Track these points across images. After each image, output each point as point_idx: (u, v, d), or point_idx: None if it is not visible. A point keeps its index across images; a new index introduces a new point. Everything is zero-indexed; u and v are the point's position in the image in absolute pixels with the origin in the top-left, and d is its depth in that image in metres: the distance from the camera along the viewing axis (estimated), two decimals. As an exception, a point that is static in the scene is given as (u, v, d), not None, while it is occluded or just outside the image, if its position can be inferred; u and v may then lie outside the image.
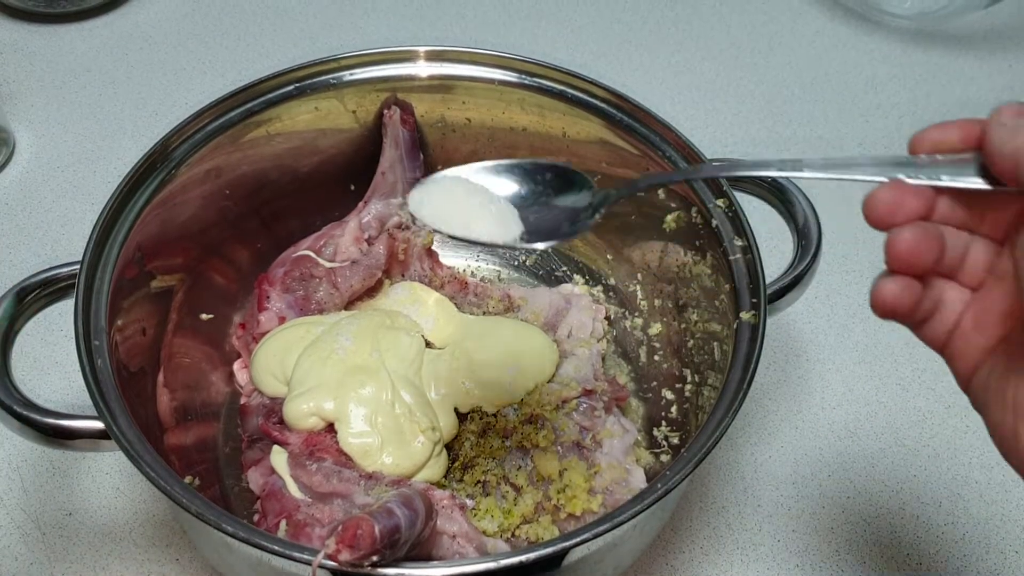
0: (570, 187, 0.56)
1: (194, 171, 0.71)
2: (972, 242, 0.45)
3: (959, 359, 0.46)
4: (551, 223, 0.55)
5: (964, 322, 0.45)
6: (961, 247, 0.45)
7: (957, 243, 0.45)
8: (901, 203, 0.43)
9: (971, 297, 0.45)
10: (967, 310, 0.45)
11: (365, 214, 0.80)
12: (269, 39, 1.11)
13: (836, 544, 0.73)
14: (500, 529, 0.65)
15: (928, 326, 0.46)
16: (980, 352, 0.44)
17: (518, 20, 1.15)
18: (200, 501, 0.52)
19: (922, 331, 0.46)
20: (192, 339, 0.73)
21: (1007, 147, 0.41)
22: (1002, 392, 0.42)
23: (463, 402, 0.71)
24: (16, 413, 0.57)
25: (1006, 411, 0.42)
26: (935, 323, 0.46)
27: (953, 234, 0.45)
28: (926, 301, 0.45)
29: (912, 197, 0.43)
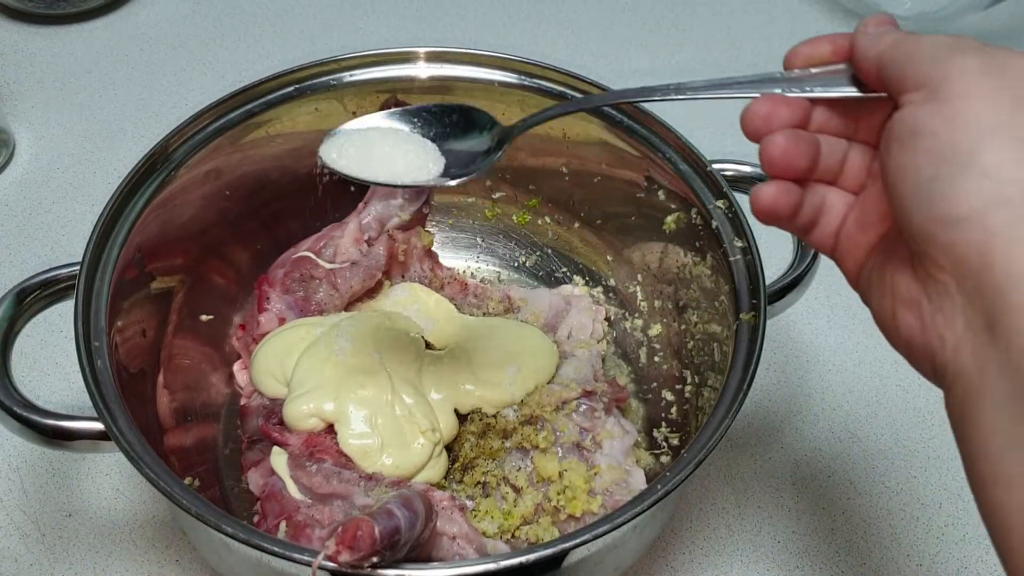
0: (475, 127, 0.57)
1: (194, 172, 0.71)
2: (851, 148, 0.48)
3: (846, 258, 0.48)
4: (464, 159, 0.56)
5: (848, 223, 0.48)
6: (840, 153, 0.48)
7: (836, 149, 0.47)
8: (775, 114, 0.46)
9: (853, 200, 0.48)
10: (850, 212, 0.48)
11: (365, 215, 0.80)
12: (269, 40, 1.11)
13: (836, 545, 0.73)
14: (500, 530, 0.65)
15: (816, 231, 0.49)
16: (864, 250, 0.47)
17: (518, 21, 1.15)
18: (200, 502, 0.52)
19: (811, 237, 0.49)
20: (192, 340, 0.73)
21: (871, 53, 0.44)
22: (881, 281, 0.45)
23: (463, 403, 0.71)
24: (16, 414, 0.57)
25: (884, 297, 0.45)
26: (822, 227, 0.48)
27: (832, 142, 0.47)
28: (808, 206, 0.47)
29: (785, 108, 0.46)
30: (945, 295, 0.40)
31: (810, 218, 0.48)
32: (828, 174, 0.48)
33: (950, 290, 0.40)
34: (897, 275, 0.44)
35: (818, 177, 0.48)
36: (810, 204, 0.47)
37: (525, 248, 0.86)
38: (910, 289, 0.43)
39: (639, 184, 0.74)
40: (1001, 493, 0.37)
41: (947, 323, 0.40)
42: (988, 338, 0.38)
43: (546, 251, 0.85)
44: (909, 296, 0.43)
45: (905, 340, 0.44)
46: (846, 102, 0.47)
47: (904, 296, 0.43)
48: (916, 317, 0.42)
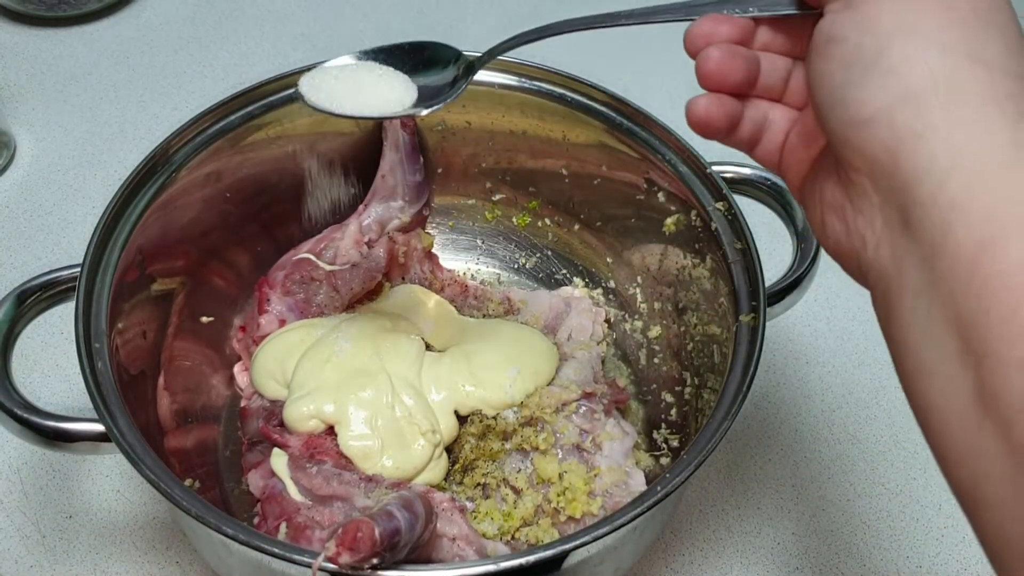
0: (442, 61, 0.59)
1: (194, 174, 0.71)
2: (795, 66, 0.49)
3: (790, 172, 0.49)
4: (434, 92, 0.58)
5: (791, 138, 0.49)
6: (783, 71, 0.48)
7: (779, 67, 0.48)
8: (715, 32, 0.47)
9: (797, 115, 0.49)
10: (793, 127, 0.49)
11: (365, 217, 0.80)
12: (270, 43, 1.11)
13: (836, 547, 0.73)
14: (500, 532, 0.65)
15: (760, 147, 0.49)
16: (807, 164, 0.48)
17: (517, 24, 1.15)
18: (200, 504, 0.52)
19: (755, 152, 0.50)
20: (192, 342, 0.73)
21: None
22: (813, 190, 0.46)
23: (463, 404, 0.71)
24: (16, 416, 0.57)
25: (815, 205, 0.46)
26: (765, 142, 0.49)
27: (775, 59, 0.48)
28: (748, 122, 0.48)
29: (726, 26, 0.47)
30: (864, 196, 0.41)
31: (751, 133, 0.49)
32: (772, 91, 0.49)
33: (867, 191, 0.41)
34: (825, 182, 0.45)
35: (761, 94, 0.48)
36: (751, 120, 0.48)
37: (525, 250, 0.86)
38: (835, 194, 0.44)
39: (639, 186, 0.75)
40: (924, 382, 0.38)
41: (867, 224, 0.41)
42: (903, 233, 0.39)
43: (546, 253, 0.85)
44: (835, 201, 0.44)
45: (833, 245, 0.45)
46: (790, 20, 0.48)
47: (830, 202, 0.44)
48: (841, 221, 0.43)
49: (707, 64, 0.46)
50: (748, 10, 0.48)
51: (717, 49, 0.46)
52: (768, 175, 0.71)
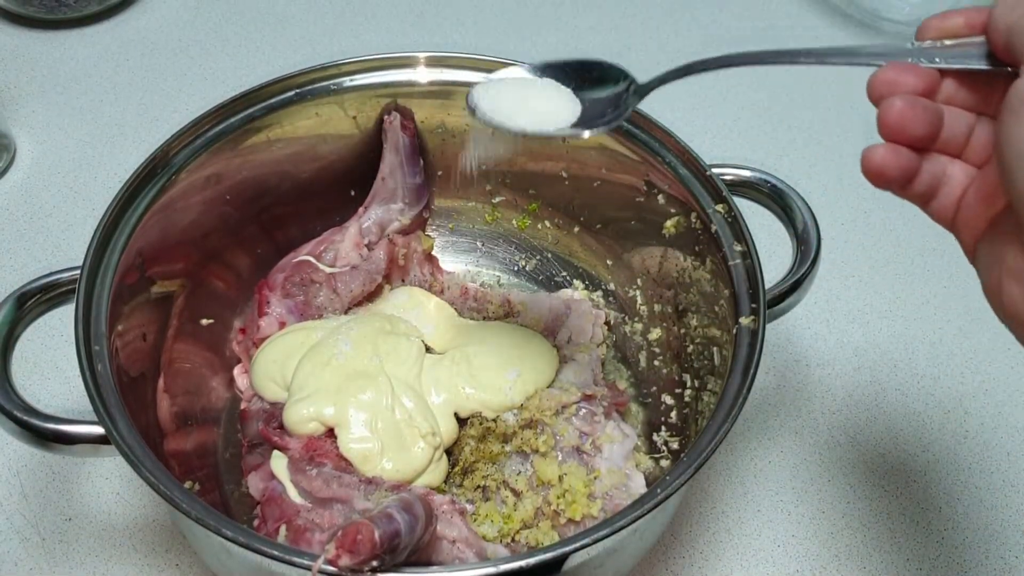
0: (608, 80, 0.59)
1: (194, 177, 0.71)
2: (979, 122, 0.47)
3: (964, 231, 0.48)
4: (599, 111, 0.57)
5: (968, 196, 0.47)
6: (966, 126, 0.47)
7: (962, 122, 0.47)
8: (900, 81, 0.45)
9: (976, 173, 0.47)
10: (971, 185, 0.47)
11: (365, 219, 0.80)
12: (270, 45, 1.11)
13: (836, 549, 0.73)
14: (500, 534, 0.65)
15: (935, 202, 0.48)
16: (984, 223, 0.46)
17: (517, 26, 1.16)
18: (200, 506, 0.52)
19: (929, 207, 0.48)
20: (192, 344, 0.73)
21: (1002, 23, 0.43)
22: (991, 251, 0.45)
23: (463, 407, 0.71)
24: (16, 418, 0.57)
25: (992, 267, 0.45)
26: (941, 198, 0.48)
27: (958, 114, 0.47)
28: (925, 175, 0.47)
29: (911, 76, 0.45)
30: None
31: (928, 188, 0.47)
32: (952, 146, 0.47)
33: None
34: (1007, 246, 0.44)
35: (941, 148, 0.47)
36: (928, 173, 0.47)
37: (525, 252, 0.86)
38: (1018, 261, 0.43)
39: (639, 188, 0.75)
40: None
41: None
42: None
43: (546, 255, 0.85)
44: (1016, 267, 0.43)
45: (1010, 312, 0.44)
46: (977, 75, 0.46)
47: (1012, 268, 0.43)
48: (1020, 289, 0.42)
49: (889, 114, 0.45)
50: (935, 60, 0.46)
51: (901, 99, 0.45)
52: (768, 177, 0.71)
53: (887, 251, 0.94)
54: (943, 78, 0.47)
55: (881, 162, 0.46)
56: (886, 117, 0.45)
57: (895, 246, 0.94)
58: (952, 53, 0.46)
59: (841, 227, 0.95)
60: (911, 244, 0.94)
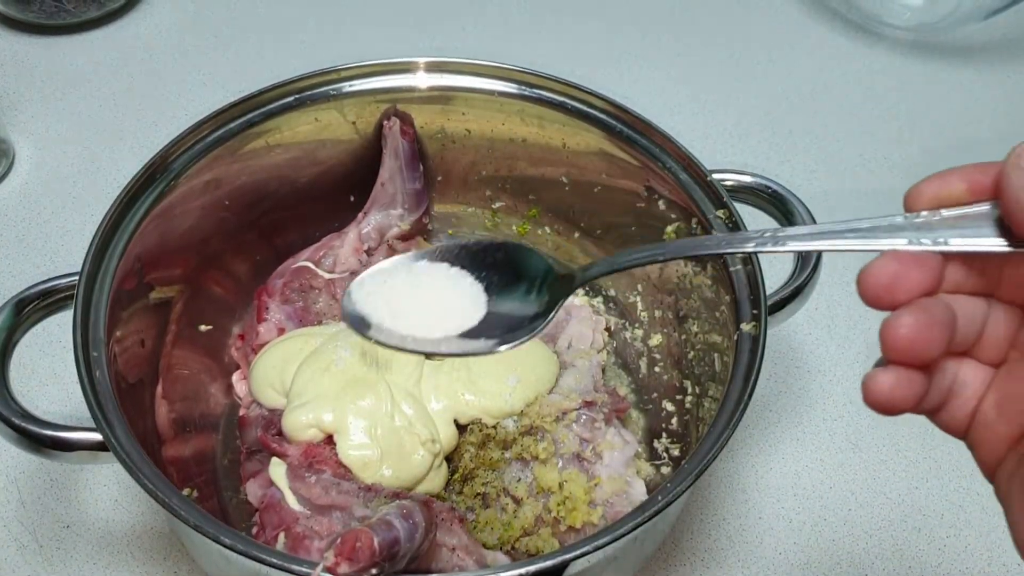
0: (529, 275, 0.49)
1: (193, 182, 0.71)
2: (992, 310, 0.38)
3: (982, 447, 0.39)
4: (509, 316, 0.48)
5: (985, 406, 0.39)
6: (978, 318, 0.38)
7: (973, 313, 0.38)
8: (901, 277, 0.36)
9: (992, 376, 0.39)
10: (988, 391, 0.39)
11: (364, 225, 0.79)
12: (269, 50, 1.11)
13: (838, 556, 0.72)
14: (500, 541, 0.64)
15: (945, 412, 0.40)
16: (1006, 441, 0.38)
17: (518, 32, 1.16)
18: (198, 513, 0.52)
19: (938, 418, 0.40)
20: (191, 350, 0.73)
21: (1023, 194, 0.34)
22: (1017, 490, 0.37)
23: (463, 414, 0.70)
24: (14, 425, 0.57)
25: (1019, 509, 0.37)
26: (952, 408, 0.39)
27: (967, 303, 0.38)
28: (934, 389, 0.38)
29: (915, 269, 0.36)
30: None
31: (937, 402, 0.39)
32: (962, 344, 0.38)
33: None
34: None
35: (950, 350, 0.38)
36: (937, 387, 0.38)
37: (525, 258, 0.86)
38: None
39: (639, 194, 0.74)
40: None
41: None
42: None
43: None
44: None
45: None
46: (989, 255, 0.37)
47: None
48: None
49: (898, 337, 0.35)
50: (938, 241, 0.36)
51: (909, 315, 0.35)
52: (769, 182, 0.71)
53: (888, 257, 0.93)
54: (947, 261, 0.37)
55: (889, 395, 0.36)
56: (895, 340, 0.35)
57: (896, 252, 0.94)
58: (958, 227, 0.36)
59: (842, 233, 0.95)
60: (912, 250, 0.93)
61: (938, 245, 0.36)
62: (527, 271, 0.49)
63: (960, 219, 0.37)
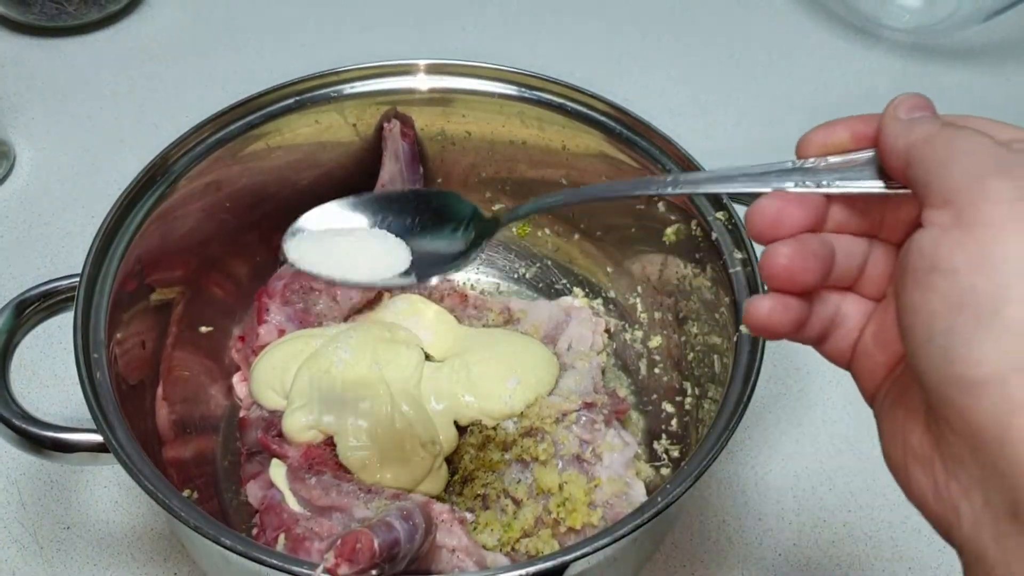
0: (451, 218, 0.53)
1: (194, 184, 0.71)
2: (873, 248, 0.42)
3: (862, 376, 0.42)
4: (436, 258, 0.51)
5: (865, 336, 0.42)
6: (860, 255, 0.42)
7: (854, 251, 0.41)
8: (785, 214, 0.40)
9: (873, 309, 0.42)
10: (868, 323, 0.42)
11: (365, 227, 0.79)
12: (269, 53, 1.11)
13: (838, 558, 0.72)
14: (500, 543, 0.65)
15: (830, 343, 0.43)
16: (883, 369, 0.41)
17: (518, 34, 1.16)
18: (198, 515, 0.52)
19: (824, 348, 0.43)
20: (191, 352, 0.73)
21: (899, 143, 0.38)
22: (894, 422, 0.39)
23: (463, 415, 0.70)
24: (14, 426, 0.57)
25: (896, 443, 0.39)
26: (835, 340, 0.42)
27: (850, 241, 0.41)
28: (816, 320, 0.41)
29: (797, 208, 0.40)
30: (960, 463, 0.34)
31: (820, 332, 0.42)
32: (844, 279, 0.42)
33: (965, 459, 0.33)
34: (910, 423, 0.38)
35: (832, 283, 0.41)
36: (819, 317, 0.41)
37: (525, 260, 0.86)
38: (923, 444, 0.36)
39: (638, 196, 0.74)
40: None
41: (963, 494, 0.34)
42: (1012, 526, 0.32)
43: (546, 263, 0.85)
44: (921, 452, 0.37)
45: (917, 498, 0.38)
46: (869, 197, 0.41)
47: (916, 451, 0.37)
48: (929, 477, 0.36)
49: (775, 264, 0.39)
50: (821, 184, 0.40)
51: (787, 246, 0.39)
52: (768, 185, 0.71)
53: (888, 258, 0.94)
54: (830, 203, 0.41)
55: (767, 318, 0.40)
56: (772, 267, 0.39)
57: (896, 253, 0.94)
58: (840, 173, 0.40)
59: (841, 234, 0.95)
60: (912, 251, 0.94)
61: (820, 188, 0.40)
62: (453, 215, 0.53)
63: (843, 165, 0.41)
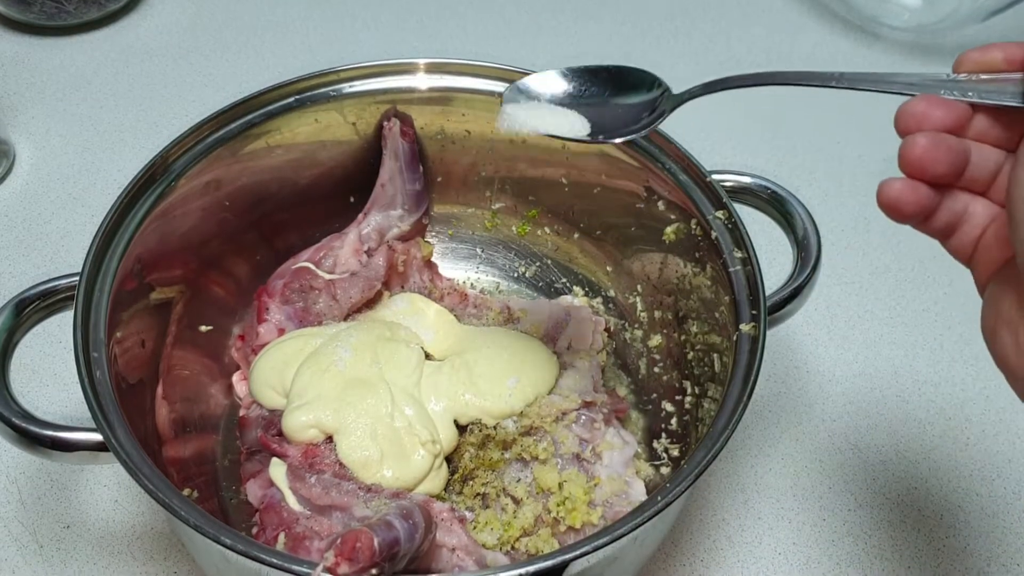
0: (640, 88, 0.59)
1: (194, 183, 0.71)
2: (1008, 160, 0.45)
3: (979, 268, 0.47)
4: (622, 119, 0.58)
5: (987, 235, 0.46)
6: (995, 164, 0.45)
7: (990, 159, 0.45)
8: (928, 114, 0.44)
9: (998, 212, 0.46)
10: (991, 224, 0.46)
11: (365, 226, 0.80)
12: (269, 52, 1.11)
13: (837, 557, 0.72)
14: (500, 542, 0.65)
15: (955, 239, 0.47)
16: (998, 264, 0.45)
17: (518, 33, 1.16)
18: (198, 514, 0.52)
19: (948, 244, 0.47)
20: (191, 351, 0.73)
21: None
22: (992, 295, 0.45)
23: (463, 414, 0.70)
24: (14, 425, 0.57)
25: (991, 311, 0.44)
26: (960, 235, 0.47)
27: (987, 151, 0.45)
28: (945, 212, 0.45)
29: (941, 109, 0.44)
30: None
31: (947, 224, 0.46)
32: (978, 184, 0.46)
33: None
34: (1005, 294, 0.43)
35: (965, 185, 0.46)
36: (949, 210, 0.46)
37: (525, 259, 0.86)
38: (1012, 309, 0.42)
39: (639, 195, 0.74)
40: None
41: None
42: None
43: (546, 262, 0.85)
44: (1009, 316, 0.42)
45: (1001, 358, 0.43)
46: (1012, 113, 0.45)
47: (1005, 315, 0.42)
48: (1013, 339, 0.42)
49: (912, 152, 0.43)
50: (967, 94, 0.45)
51: (925, 137, 0.43)
52: (768, 183, 0.71)
53: (888, 257, 0.94)
54: (975, 113, 0.45)
55: (897, 196, 0.44)
56: (908, 154, 0.44)
57: (895, 252, 0.94)
58: (987, 88, 0.45)
59: (841, 233, 0.95)
60: (912, 250, 0.94)
61: (966, 97, 0.45)
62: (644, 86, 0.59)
63: (991, 81, 0.45)
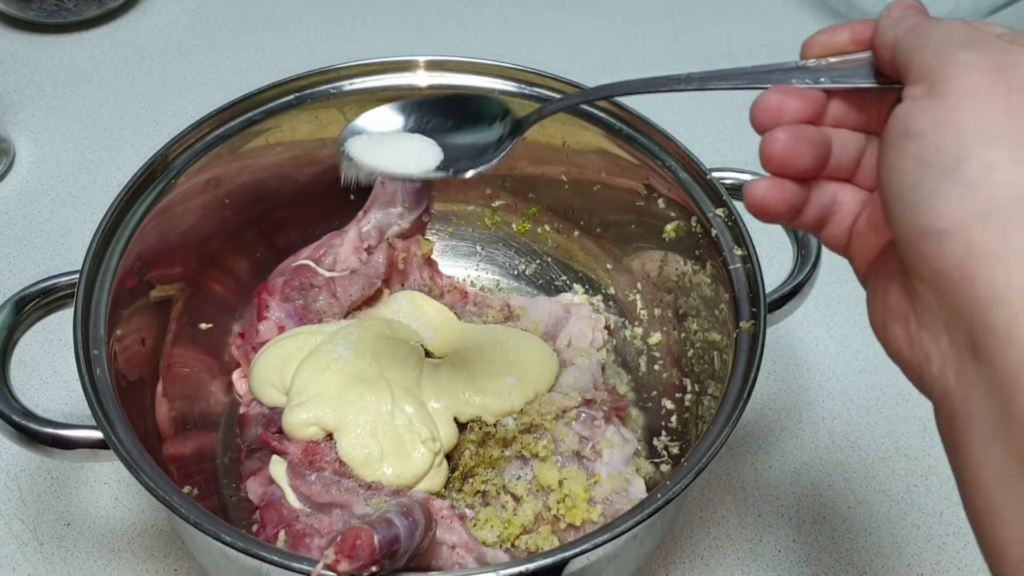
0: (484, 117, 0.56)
1: (194, 181, 0.71)
2: (869, 143, 0.45)
3: (857, 258, 0.46)
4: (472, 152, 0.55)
5: (860, 223, 0.45)
6: (857, 149, 0.45)
7: (852, 144, 0.45)
8: (785, 107, 0.43)
9: (868, 197, 0.45)
10: (863, 210, 0.45)
11: (365, 224, 0.80)
12: (269, 49, 1.11)
13: (837, 555, 0.72)
14: (499, 539, 0.65)
15: (827, 229, 0.46)
16: (875, 251, 0.45)
17: (518, 31, 1.16)
18: (198, 511, 0.52)
19: (822, 235, 0.47)
20: (191, 349, 0.73)
21: (888, 38, 0.41)
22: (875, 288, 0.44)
23: (463, 412, 0.70)
24: (14, 422, 0.57)
25: (877, 305, 0.43)
26: (833, 225, 0.46)
27: (848, 136, 0.45)
28: (814, 205, 0.45)
29: (796, 100, 0.43)
30: (928, 310, 0.38)
31: (817, 217, 0.45)
32: (843, 171, 0.45)
33: (932, 305, 0.37)
34: (889, 285, 0.42)
35: (830, 174, 0.45)
36: (817, 203, 0.45)
37: (525, 256, 0.86)
38: (898, 300, 0.41)
39: (639, 192, 0.74)
40: (1000, 528, 0.34)
41: (932, 340, 0.38)
42: (971, 360, 0.35)
43: (546, 259, 0.85)
44: (898, 308, 0.41)
45: (894, 352, 0.42)
46: (866, 94, 0.44)
47: (893, 307, 0.41)
48: (904, 330, 0.41)
49: (772, 149, 0.43)
50: (820, 80, 0.44)
51: (783, 131, 0.42)
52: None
53: (887, 255, 0.94)
54: (830, 99, 0.44)
55: (763, 197, 0.43)
56: (769, 151, 0.43)
57: (895, 250, 0.94)
58: (838, 72, 0.44)
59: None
60: (911, 248, 0.94)
61: (819, 84, 0.44)
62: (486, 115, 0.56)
63: (841, 64, 0.44)
